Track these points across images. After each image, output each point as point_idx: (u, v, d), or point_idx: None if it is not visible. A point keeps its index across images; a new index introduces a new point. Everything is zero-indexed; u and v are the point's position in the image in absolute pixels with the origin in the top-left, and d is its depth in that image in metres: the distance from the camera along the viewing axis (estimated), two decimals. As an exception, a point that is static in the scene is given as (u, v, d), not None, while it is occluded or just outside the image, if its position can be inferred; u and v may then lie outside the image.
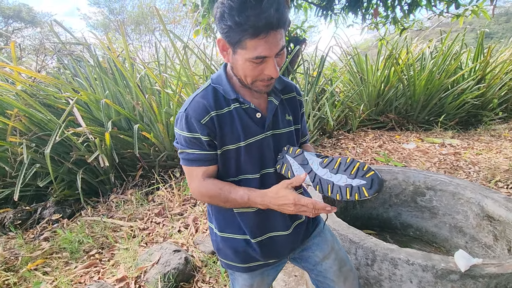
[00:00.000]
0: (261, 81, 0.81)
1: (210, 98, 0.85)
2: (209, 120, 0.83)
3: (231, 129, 0.86)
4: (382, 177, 0.74)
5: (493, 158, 3.66)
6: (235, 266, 0.98)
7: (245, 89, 0.88)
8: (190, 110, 0.83)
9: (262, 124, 0.89)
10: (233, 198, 0.85)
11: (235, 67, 0.81)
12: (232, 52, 0.78)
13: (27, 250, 2.26)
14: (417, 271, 1.03)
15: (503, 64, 5.49)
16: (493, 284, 0.97)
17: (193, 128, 0.83)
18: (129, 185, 3.04)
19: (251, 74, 0.79)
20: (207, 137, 0.83)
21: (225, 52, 0.80)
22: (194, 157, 0.86)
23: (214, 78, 0.90)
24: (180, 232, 2.34)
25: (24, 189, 2.82)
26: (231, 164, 0.89)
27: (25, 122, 2.70)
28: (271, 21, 0.70)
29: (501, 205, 1.44)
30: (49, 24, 3.18)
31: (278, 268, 1.04)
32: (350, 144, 4.39)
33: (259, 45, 0.73)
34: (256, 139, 0.88)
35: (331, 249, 1.03)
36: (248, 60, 0.75)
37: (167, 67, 3.78)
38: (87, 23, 17.20)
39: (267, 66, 0.77)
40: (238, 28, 0.70)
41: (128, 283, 1.73)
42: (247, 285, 0.99)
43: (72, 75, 3.34)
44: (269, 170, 0.92)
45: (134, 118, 3.11)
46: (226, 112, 0.86)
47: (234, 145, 0.86)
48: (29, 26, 15.69)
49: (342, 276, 1.02)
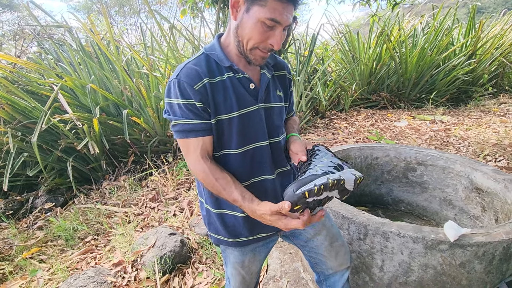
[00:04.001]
0: (261, 49, 0.80)
1: (203, 65, 0.83)
2: (202, 87, 0.81)
3: (224, 97, 0.84)
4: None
5: (482, 133, 3.72)
6: (224, 241, 0.97)
7: (240, 58, 0.86)
8: (182, 75, 0.81)
9: (255, 95, 0.88)
10: (224, 196, 0.84)
11: (241, 26, 0.78)
12: (246, 9, 0.76)
13: (21, 239, 2.24)
14: (408, 243, 1.05)
15: (494, 39, 5.47)
16: (480, 252, 1.00)
17: (187, 94, 0.80)
18: (122, 171, 3.01)
19: (256, 37, 0.78)
20: (200, 103, 0.81)
21: (235, 9, 0.78)
22: (189, 128, 0.83)
23: (208, 47, 0.87)
24: (175, 216, 2.35)
25: (14, 179, 2.77)
26: (224, 135, 0.87)
27: (8, 110, 2.61)
28: None
29: (490, 177, 1.47)
30: (26, 6, 3.01)
31: (268, 245, 1.04)
32: (342, 123, 4.40)
33: (278, 8, 0.73)
34: (249, 110, 0.87)
35: (322, 226, 1.03)
36: (261, 20, 0.75)
37: (154, 50, 3.66)
38: (68, 6, 16.44)
39: (274, 35, 0.77)
40: None
41: (125, 267, 1.75)
42: (239, 262, 0.99)
43: (55, 60, 3.21)
44: (261, 143, 0.91)
45: (122, 103, 3.04)
46: (219, 81, 0.84)
47: (227, 115, 0.85)
48: (7, 10, 14.90)
49: (334, 251, 1.04)
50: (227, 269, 1.06)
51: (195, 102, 0.81)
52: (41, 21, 3.79)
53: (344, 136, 3.86)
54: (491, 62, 5.50)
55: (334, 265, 1.05)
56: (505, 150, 3.02)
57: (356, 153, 1.96)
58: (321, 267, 1.08)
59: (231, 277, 1.05)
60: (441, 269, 1.04)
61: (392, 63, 5.11)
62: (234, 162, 0.90)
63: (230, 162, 0.90)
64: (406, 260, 1.08)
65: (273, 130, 0.94)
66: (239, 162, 0.90)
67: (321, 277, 1.13)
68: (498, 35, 5.52)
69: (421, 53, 4.92)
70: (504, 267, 1.05)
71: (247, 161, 0.90)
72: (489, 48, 5.38)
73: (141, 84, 2.91)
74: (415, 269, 1.07)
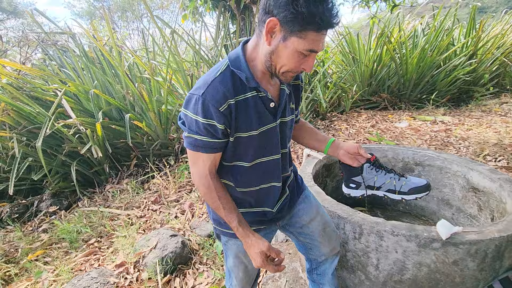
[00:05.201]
0: (293, 72, 0.81)
1: (229, 83, 0.81)
2: (226, 108, 0.80)
3: (245, 117, 0.84)
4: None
5: (482, 133, 3.71)
6: (228, 232, 1.01)
7: (264, 75, 0.86)
8: (208, 95, 0.79)
9: (274, 113, 0.90)
10: (221, 213, 0.89)
11: (276, 53, 0.78)
12: (282, 37, 0.75)
13: (27, 242, 2.29)
14: (401, 242, 1.07)
15: (495, 39, 5.47)
16: (473, 250, 1.02)
17: (210, 114, 0.79)
18: (124, 174, 3.06)
19: (291, 64, 0.78)
20: (222, 125, 0.81)
21: (270, 35, 0.76)
22: (203, 144, 0.84)
23: (232, 59, 0.84)
24: (177, 218, 2.39)
25: (19, 183, 2.83)
26: (240, 150, 0.89)
27: (14, 116, 2.67)
28: (336, 21, 0.73)
29: (486, 177, 1.49)
30: (29, 14, 3.08)
31: (269, 235, 1.10)
32: (343, 125, 4.41)
33: (318, 39, 0.74)
34: (268, 127, 0.89)
35: (316, 213, 1.11)
36: (299, 50, 0.75)
37: (155, 54, 3.72)
38: (72, 12, 16.66)
39: (308, 60, 0.79)
40: (310, 18, 0.70)
41: (127, 268, 1.78)
42: (242, 251, 1.02)
43: (59, 66, 3.28)
44: (273, 156, 0.95)
45: (125, 108, 3.09)
46: (242, 99, 0.83)
47: (246, 133, 0.86)
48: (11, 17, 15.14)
49: (327, 236, 1.12)
50: (228, 262, 1.10)
51: (217, 124, 0.80)
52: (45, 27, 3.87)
53: (344, 137, 3.88)
54: (493, 62, 5.49)
55: (327, 251, 1.13)
56: (505, 150, 3.02)
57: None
58: (314, 253, 1.15)
59: (233, 268, 1.09)
60: (435, 267, 1.06)
61: (392, 64, 5.13)
62: (245, 173, 0.94)
63: (240, 173, 0.93)
64: (400, 259, 1.10)
65: (284, 142, 0.98)
66: (250, 173, 0.94)
67: (312, 265, 1.20)
68: (499, 34, 5.51)
69: (422, 54, 4.93)
70: (497, 265, 1.07)
71: (259, 172, 0.94)
72: (490, 48, 5.38)
73: (143, 89, 2.96)
74: (410, 267, 1.09)
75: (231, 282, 1.12)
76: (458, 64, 5.12)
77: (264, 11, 0.75)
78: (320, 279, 1.21)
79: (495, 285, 1.07)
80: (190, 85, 3.41)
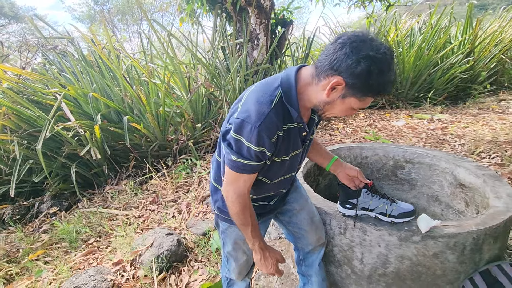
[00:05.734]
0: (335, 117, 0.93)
1: (280, 115, 0.86)
2: (276, 138, 0.87)
3: (285, 144, 0.93)
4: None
5: (478, 131, 3.73)
6: (229, 219, 1.08)
7: (306, 110, 0.94)
8: (264, 127, 0.83)
9: (304, 141, 0.99)
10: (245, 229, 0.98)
11: (332, 105, 0.85)
12: (342, 95, 0.81)
13: (27, 243, 2.35)
14: (384, 236, 1.11)
15: (492, 36, 5.47)
16: (452, 243, 1.05)
17: (262, 143, 0.85)
18: (123, 175, 3.11)
19: (340, 114, 0.88)
20: (270, 152, 0.89)
21: (331, 90, 0.81)
22: (249, 168, 0.89)
23: (285, 91, 0.87)
24: (174, 218, 2.43)
25: (20, 186, 2.89)
26: (268, 170, 0.98)
27: (14, 120, 2.73)
28: (392, 88, 0.84)
29: (471, 173, 1.52)
30: (29, 19, 3.15)
31: (266, 223, 1.20)
32: (340, 124, 4.44)
33: (370, 101, 0.84)
34: (296, 152, 0.99)
35: (305, 202, 1.21)
36: (353, 107, 0.84)
37: (153, 57, 3.77)
38: (72, 16, 16.80)
39: (353, 112, 0.91)
40: (376, 88, 0.78)
41: (124, 266, 1.83)
42: (240, 238, 1.11)
43: (58, 70, 3.34)
44: (292, 174, 1.07)
45: (123, 110, 3.14)
46: (286, 129, 0.90)
47: (281, 157, 0.95)
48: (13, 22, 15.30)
49: (314, 225, 1.21)
50: (226, 248, 1.18)
51: (267, 151, 0.87)
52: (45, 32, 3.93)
53: (341, 136, 3.91)
54: (490, 59, 5.49)
55: (314, 240, 1.22)
56: (499, 147, 3.04)
57: (346, 152, 2.02)
58: (302, 242, 1.23)
59: (232, 253, 1.17)
60: (416, 259, 1.10)
61: (389, 63, 5.14)
62: (263, 186, 1.03)
63: (260, 186, 1.03)
64: (383, 252, 1.13)
65: (302, 161, 1.08)
66: (268, 187, 1.04)
67: (300, 256, 1.28)
68: (497, 31, 5.52)
69: (418, 52, 4.96)
70: (476, 257, 1.10)
71: (276, 185, 1.05)
72: (487, 45, 5.38)
73: (140, 91, 3.01)
74: (392, 261, 1.13)
75: (229, 267, 1.21)
76: (455, 62, 5.13)
77: (330, 66, 0.79)
78: (308, 270, 1.29)
79: (475, 277, 1.11)
80: (187, 87, 3.46)
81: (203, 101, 3.55)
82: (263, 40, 3.85)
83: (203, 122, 3.50)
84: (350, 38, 0.77)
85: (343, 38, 0.78)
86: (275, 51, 4.02)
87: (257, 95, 0.87)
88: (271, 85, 0.89)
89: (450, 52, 5.28)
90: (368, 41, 0.76)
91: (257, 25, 3.81)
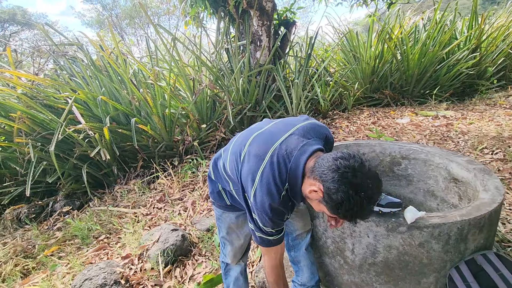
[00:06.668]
0: None
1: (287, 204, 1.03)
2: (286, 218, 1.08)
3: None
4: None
5: (484, 127, 3.71)
6: (222, 206, 1.26)
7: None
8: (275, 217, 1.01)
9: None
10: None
11: (310, 200, 0.98)
12: (319, 200, 0.93)
13: (43, 239, 2.48)
14: (372, 227, 1.17)
15: (499, 30, 5.40)
16: (436, 232, 1.10)
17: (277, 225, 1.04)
18: (132, 175, 3.23)
19: (316, 209, 1.02)
20: (286, 219, 1.08)
21: (313, 191, 0.93)
22: (274, 242, 1.07)
23: (292, 186, 1.00)
24: (180, 215, 2.53)
25: (35, 186, 3.04)
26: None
27: (29, 123, 2.89)
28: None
29: (463, 168, 1.56)
30: (40, 27, 3.30)
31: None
32: (344, 123, 4.47)
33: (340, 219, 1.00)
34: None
35: None
36: (326, 213, 0.98)
37: (159, 61, 3.89)
38: (82, 21, 17.23)
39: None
40: (342, 216, 0.91)
41: (132, 259, 1.93)
42: (234, 222, 1.27)
43: (69, 75, 3.49)
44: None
45: (131, 113, 3.27)
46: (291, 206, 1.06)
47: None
48: (25, 28, 15.81)
49: (299, 213, 1.33)
50: (221, 233, 1.32)
51: (283, 222, 1.05)
52: (56, 38, 4.10)
53: (344, 134, 3.95)
54: (498, 54, 5.42)
55: (300, 226, 1.33)
56: (503, 142, 3.03)
57: (343, 150, 2.07)
58: (289, 228, 1.35)
59: (227, 237, 1.31)
60: (403, 249, 1.15)
61: (394, 61, 5.14)
62: None
63: None
64: (372, 243, 1.19)
65: None
66: None
67: (290, 241, 1.38)
68: (504, 26, 5.44)
69: (423, 49, 4.93)
70: (461, 247, 1.15)
71: None
72: (494, 40, 5.31)
73: (147, 94, 3.13)
74: (381, 250, 1.19)
75: (225, 252, 1.34)
76: (461, 58, 5.08)
77: (320, 175, 0.90)
78: (297, 256, 1.38)
79: (461, 266, 1.15)
80: (192, 89, 3.56)
81: (207, 102, 3.64)
82: (266, 41, 3.92)
83: (208, 123, 3.59)
84: (346, 167, 0.86)
85: (340, 162, 0.87)
86: (277, 51, 4.09)
87: (267, 182, 0.97)
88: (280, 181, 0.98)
89: (456, 48, 5.24)
90: (359, 177, 0.85)
91: (259, 27, 3.88)
